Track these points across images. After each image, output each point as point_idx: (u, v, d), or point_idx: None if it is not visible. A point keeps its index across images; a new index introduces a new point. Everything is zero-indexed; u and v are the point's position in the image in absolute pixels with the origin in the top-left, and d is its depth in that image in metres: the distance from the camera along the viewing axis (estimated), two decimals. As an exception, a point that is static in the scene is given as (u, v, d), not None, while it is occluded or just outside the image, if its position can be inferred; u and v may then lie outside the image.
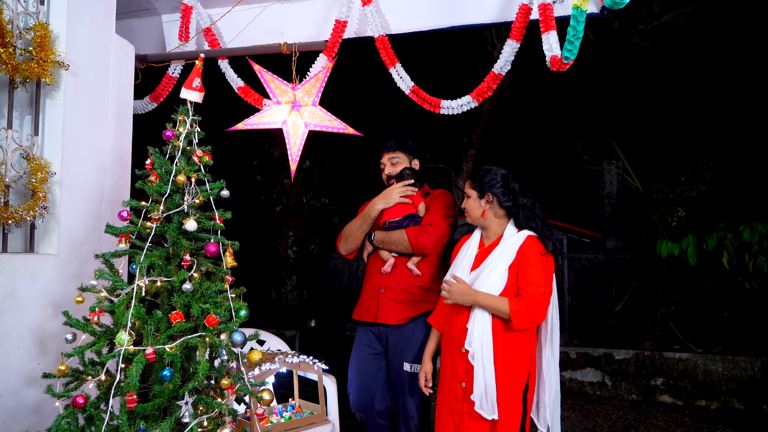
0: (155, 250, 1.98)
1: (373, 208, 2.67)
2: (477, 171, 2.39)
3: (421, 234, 2.56)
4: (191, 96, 2.07)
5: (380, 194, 2.70)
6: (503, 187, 2.29)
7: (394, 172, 2.74)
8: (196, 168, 2.07)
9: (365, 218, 2.69)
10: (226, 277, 2.03)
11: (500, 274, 2.20)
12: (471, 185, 2.35)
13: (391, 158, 2.76)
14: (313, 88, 2.87)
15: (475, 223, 2.37)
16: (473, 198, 2.33)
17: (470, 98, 2.76)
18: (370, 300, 2.70)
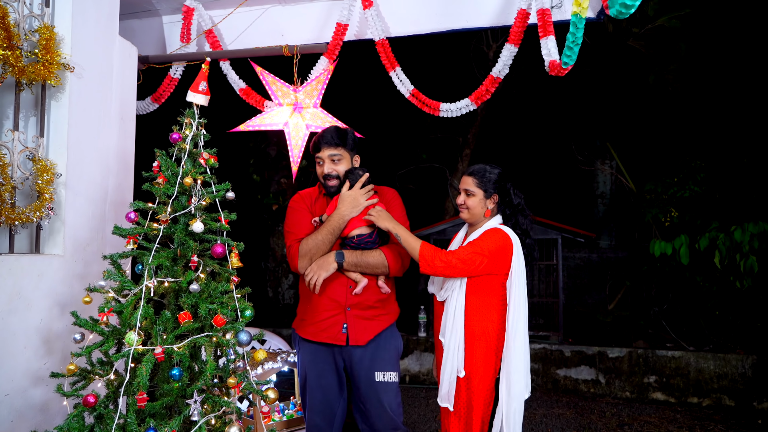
0: (162, 251, 2.01)
1: (343, 219, 2.29)
2: (480, 170, 2.34)
3: (404, 258, 2.37)
4: (197, 99, 2.10)
5: (343, 200, 2.31)
6: (505, 188, 2.34)
7: (335, 171, 2.38)
8: (202, 170, 2.10)
9: (334, 231, 2.29)
10: (232, 278, 2.07)
11: None
12: (477, 184, 2.31)
13: (333, 155, 2.37)
14: (315, 90, 2.90)
15: (473, 220, 2.37)
16: (479, 197, 2.31)
17: (469, 101, 2.81)
18: (332, 319, 2.32)
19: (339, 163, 2.38)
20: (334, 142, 2.36)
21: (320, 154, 2.39)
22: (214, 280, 2.15)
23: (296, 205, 2.46)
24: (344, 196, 2.32)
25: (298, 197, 2.49)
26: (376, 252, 2.32)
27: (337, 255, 2.28)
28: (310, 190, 2.53)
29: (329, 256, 2.28)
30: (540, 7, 2.56)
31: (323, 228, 2.30)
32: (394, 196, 2.51)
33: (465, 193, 2.34)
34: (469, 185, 2.33)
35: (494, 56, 7.55)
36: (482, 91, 2.78)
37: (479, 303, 2.22)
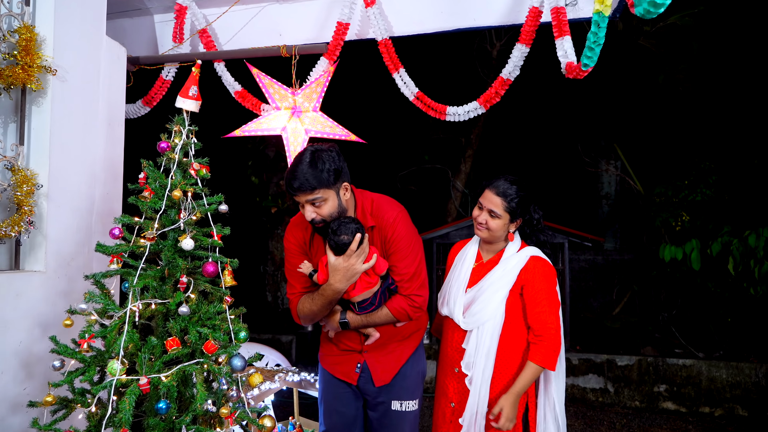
0: (149, 270, 1.86)
1: (337, 293, 1.97)
2: (509, 189, 2.07)
3: (412, 309, 2.03)
4: (187, 105, 1.94)
5: (335, 272, 1.93)
6: (529, 209, 2.14)
7: (319, 216, 1.92)
8: (192, 182, 1.94)
9: (330, 302, 2.00)
10: (225, 298, 1.92)
11: (500, 299, 2.06)
12: (505, 207, 2.06)
13: (312, 200, 1.89)
14: (314, 93, 2.75)
15: (491, 240, 2.15)
16: (504, 221, 2.07)
17: (477, 104, 2.66)
18: (347, 360, 2.16)
19: (322, 206, 1.91)
20: (309, 185, 1.85)
21: (297, 199, 1.93)
22: (206, 299, 2.00)
23: (291, 246, 2.13)
24: (335, 267, 1.93)
25: (293, 232, 2.14)
26: (382, 312, 2.04)
27: (342, 322, 2.07)
28: (303, 227, 2.13)
29: (334, 319, 2.09)
30: (554, 6, 2.41)
31: (318, 298, 2.01)
32: (395, 225, 2.01)
33: (489, 213, 2.08)
34: (495, 206, 2.07)
35: (498, 55, 7.39)
36: (491, 93, 2.62)
37: (514, 333, 2.06)
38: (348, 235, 1.91)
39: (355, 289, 2.00)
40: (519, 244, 2.15)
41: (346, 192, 1.98)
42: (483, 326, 2.05)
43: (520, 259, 2.08)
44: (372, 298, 2.02)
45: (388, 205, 2.07)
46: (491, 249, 2.20)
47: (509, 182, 2.09)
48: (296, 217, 2.15)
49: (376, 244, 2.06)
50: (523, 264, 2.07)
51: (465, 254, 2.26)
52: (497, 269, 2.10)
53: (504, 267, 2.09)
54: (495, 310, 2.04)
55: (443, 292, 2.27)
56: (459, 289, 2.16)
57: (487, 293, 2.07)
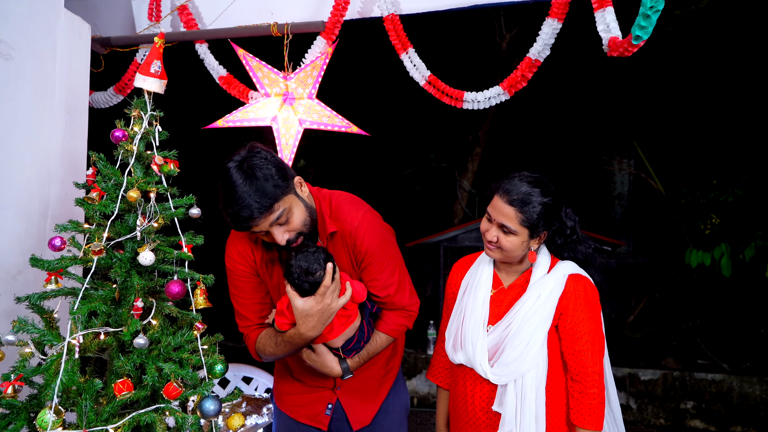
0: (101, 290, 1.49)
1: (309, 340, 1.55)
2: (526, 197, 1.57)
3: (410, 320, 1.72)
4: (149, 84, 1.57)
5: (305, 318, 1.50)
6: (558, 219, 1.67)
7: (294, 232, 1.51)
8: (155, 179, 1.57)
9: (294, 346, 1.58)
10: (196, 324, 1.54)
11: (542, 340, 1.58)
12: (521, 221, 1.56)
13: (275, 219, 1.45)
14: (309, 77, 2.37)
15: (506, 260, 1.67)
16: (520, 238, 1.58)
17: (500, 89, 2.27)
18: (314, 400, 1.76)
19: (291, 218, 1.48)
20: (264, 205, 1.41)
21: (257, 229, 1.47)
22: (173, 326, 1.62)
23: (236, 266, 1.69)
24: (306, 313, 1.48)
25: (236, 246, 1.69)
26: (380, 341, 1.69)
27: (344, 370, 1.65)
28: (246, 240, 1.69)
29: (332, 366, 1.63)
30: (593, -30, 2.03)
31: (283, 345, 1.59)
32: (364, 229, 1.60)
33: (501, 228, 1.59)
34: (508, 220, 1.56)
35: (508, 47, 7.01)
36: (516, 77, 2.24)
37: (557, 382, 1.61)
38: (319, 268, 1.47)
39: (333, 331, 1.57)
40: (548, 261, 1.67)
41: (302, 187, 1.57)
42: (523, 378, 1.56)
43: (557, 281, 1.60)
44: (358, 333, 1.62)
45: (350, 205, 1.64)
46: (512, 270, 1.71)
47: (528, 184, 1.58)
48: (235, 239, 1.70)
49: (341, 255, 1.63)
50: (561, 288, 1.59)
51: (477, 277, 1.74)
52: (528, 298, 1.61)
53: (537, 294, 1.60)
54: (537, 355, 1.55)
55: (451, 331, 1.75)
56: (477, 327, 1.66)
57: (523, 333, 1.57)
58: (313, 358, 1.63)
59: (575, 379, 1.56)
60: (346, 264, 1.64)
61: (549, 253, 1.70)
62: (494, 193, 1.63)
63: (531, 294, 1.61)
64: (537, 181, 1.61)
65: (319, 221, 1.61)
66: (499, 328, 1.63)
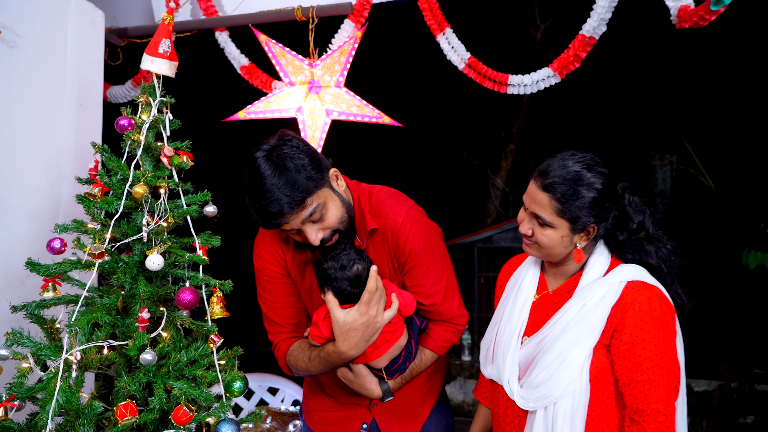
0: (105, 298, 1.32)
1: (348, 360, 1.36)
2: (565, 178, 1.27)
3: (457, 336, 1.54)
4: (157, 66, 1.40)
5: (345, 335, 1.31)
6: (619, 209, 1.34)
7: (329, 230, 1.33)
8: (167, 173, 1.39)
9: (330, 365, 1.40)
10: (211, 336, 1.36)
11: (582, 359, 1.27)
12: (557, 210, 1.26)
13: (308, 216, 1.28)
14: (337, 63, 2.17)
15: (547, 259, 1.40)
16: (560, 232, 1.29)
17: (549, 71, 2.03)
18: (347, 418, 1.59)
19: (326, 214, 1.31)
20: (295, 200, 1.23)
21: (287, 227, 1.29)
22: (188, 338, 1.44)
23: (265, 266, 1.51)
24: (349, 326, 1.29)
25: (265, 245, 1.51)
26: (425, 358, 1.51)
27: (385, 392, 1.44)
28: (275, 237, 1.50)
29: (372, 389, 1.42)
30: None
31: (317, 362, 1.40)
32: (408, 227, 1.42)
33: (535, 219, 1.31)
34: (542, 209, 1.28)
35: (542, 39, 6.71)
36: (568, 57, 2.00)
37: (606, 415, 1.30)
38: (361, 267, 1.29)
39: (377, 350, 1.36)
40: (606, 262, 1.36)
41: (338, 180, 1.39)
42: (555, 407, 1.28)
43: (610, 288, 1.28)
44: (404, 352, 1.40)
45: (393, 200, 1.46)
46: (560, 272, 1.42)
47: (569, 165, 1.27)
48: (264, 236, 1.53)
49: (382, 257, 1.44)
50: (616, 296, 1.27)
51: (520, 280, 1.48)
52: (571, 306, 1.31)
53: (582, 302, 1.29)
54: (574, 379, 1.25)
55: (486, 341, 1.49)
56: (511, 338, 1.39)
57: (557, 348, 1.28)
58: (351, 378, 1.43)
59: (633, 418, 1.24)
60: (386, 267, 1.45)
61: (608, 252, 1.38)
62: (530, 176, 1.34)
63: (575, 301, 1.30)
64: (582, 160, 1.29)
65: (358, 218, 1.42)
66: (534, 340, 1.35)
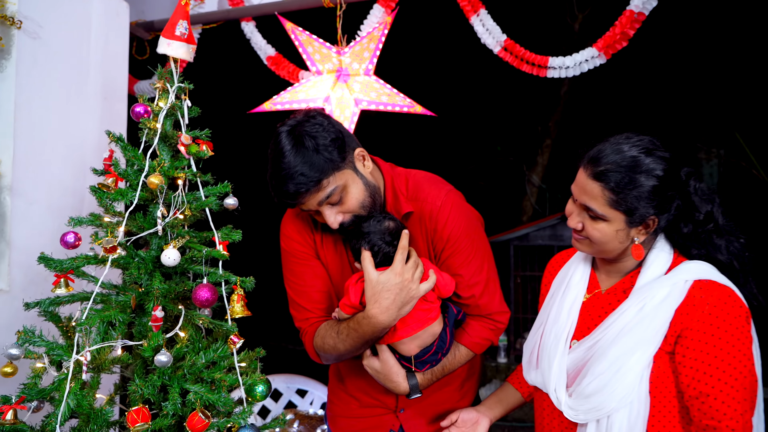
0: (122, 295, 1.25)
1: (379, 328, 1.23)
2: (620, 165, 1.12)
3: (496, 335, 1.41)
4: (174, 50, 1.32)
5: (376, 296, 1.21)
6: (683, 198, 1.18)
7: (349, 215, 1.26)
8: (185, 163, 1.32)
9: (366, 342, 1.28)
10: (231, 337, 1.27)
11: (641, 368, 1.13)
12: (611, 201, 1.12)
13: (325, 198, 1.21)
14: (366, 50, 2.07)
15: (600, 255, 1.26)
16: (612, 224, 1.15)
17: (594, 51, 1.87)
18: (374, 419, 1.47)
19: (346, 197, 1.24)
20: (311, 180, 1.18)
21: (305, 207, 1.24)
22: (209, 338, 1.37)
23: (294, 246, 1.41)
24: (382, 286, 1.20)
25: (293, 225, 1.43)
26: (459, 355, 1.39)
27: (412, 387, 1.33)
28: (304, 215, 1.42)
29: (399, 381, 1.32)
30: None
31: (348, 335, 1.28)
32: (448, 212, 1.33)
33: (585, 211, 1.18)
34: (593, 201, 1.14)
35: (581, 29, 6.45)
36: (615, 35, 1.83)
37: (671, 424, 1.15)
38: (395, 222, 1.25)
39: (407, 327, 1.25)
40: (668, 258, 1.21)
41: (364, 162, 1.31)
42: (610, 420, 1.14)
43: (674, 287, 1.14)
44: (438, 342, 1.29)
45: (431, 184, 1.37)
46: (614, 269, 1.27)
47: (625, 149, 1.13)
48: (292, 215, 1.45)
49: (418, 243, 1.35)
50: (680, 297, 1.12)
51: (568, 277, 1.35)
52: (628, 307, 1.17)
53: (641, 303, 1.15)
54: (631, 389, 1.11)
55: (529, 343, 1.36)
56: (558, 341, 1.26)
57: (612, 355, 1.14)
58: (376, 367, 1.33)
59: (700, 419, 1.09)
60: (423, 252, 1.35)
61: (671, 248, 1.23)
62: (579, 163, 1.20)
63: (633, 302, 1.16)
64: (639, 144, 1.14)
65: (390, 201, 1.35)
66: (584, 344, 1.21)
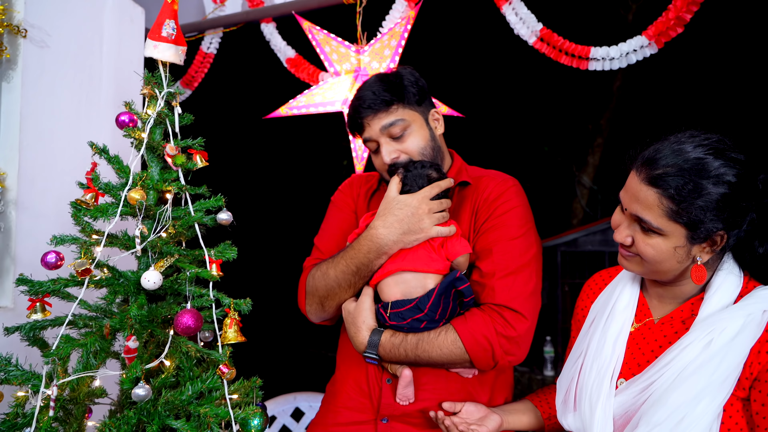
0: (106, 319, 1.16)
1: (377, 247, 1.16)
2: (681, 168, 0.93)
3: (501, 339, 1.11)
4: (161, 52, 1.21)
5: (388, 210, 1.17)
6: (757, 210, 0.95)
7: (404, 154, 1.24)
8: (172, 176, 1.21)
9: (358, 267, 1.19)
10: (220, 367, 1.15)
11: (711, 417, 0.92)
12: (669, 212, 0.93)
13: (390, 124, 1.22)
14: (387, 48, 1.92)
15: (652, 277, 1.05)
16: (670, 239, 0.95)
17: (644, 40, 1.64)
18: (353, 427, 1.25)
19: (407, 136, 1.23)
20: (382, 100, 1.21)
21: (367, 133, 1.25)
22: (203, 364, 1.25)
23: (339, 198, 1.43)
24: (395, 203, 1.17)
25: (347, 184, 1.45)
26: (440, 339, 1.13)
27: (370, 343, 1.16)
28: (366, 177, 1.46)
29: (360, 328, 1.17)
30: None
31: (343, 256, 1.21)
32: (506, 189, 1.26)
33: (637, 223, 0.99)
34: (646, 210, 0.95)
35: (634, 20, 6.05)
36: (668, 21, 1.60)
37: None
38: (433, 171, 1.21)
39: (400, 261, 1.16)
40: (738, 283, 1.00)
41: (437, 123, 1.33)
42: None
43: (749, 319, 0.93)
44: (423, 298, 1.12)
45: (496, 173, 1.36)
46: (670, 293, 1.07)
47: (696, 147, 0.94)
48: (360, 174, 1.49)
49: (464, 214, 1.27)
50: (758, 331, 0.92)
51: (611, 302, 1.14)
52: (691, 342, 0.96)
53: (708, 337, 0.94)
54: None
55: (564, 379, 1.16)
56: (602, 380, 1.06)
57: (673, 402, 0.94)
58: (350, 308, 1.22)
59: None
60: (464, 225, 1.26)
61: (740, 270, 1.02)
62: (630, 166, 1.01)
63: (697, 337, 0.96)
64: (706, 143, 0.94)
65: (453, 172, 1.34)
66: (636, 385, 1.01)
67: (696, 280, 0.99)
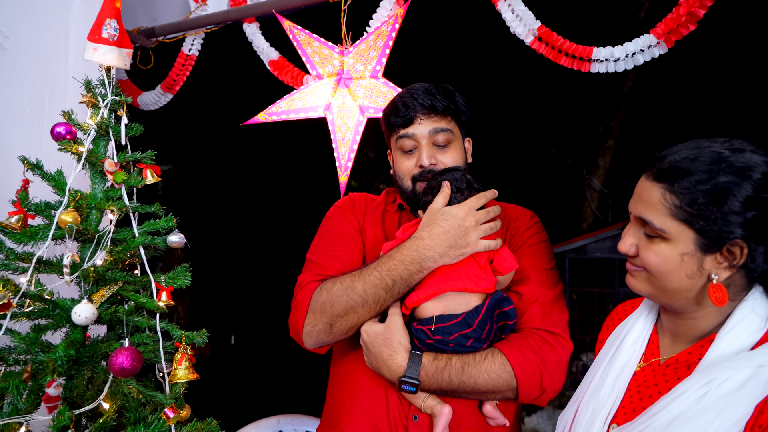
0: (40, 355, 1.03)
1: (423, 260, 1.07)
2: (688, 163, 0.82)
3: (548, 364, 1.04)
4: (102, 56, 1.08)
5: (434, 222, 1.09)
6: None
7: (442, 163, 1.21)
8: (115, 194, 1.08)
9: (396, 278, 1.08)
10: (165, 411, 1.01)
11: None
12: (671, 208, 0.82)
13: (440, 129, 1.20)
14: (372, 49, 1.78)
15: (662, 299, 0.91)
16: (675, 244, 0.83)
17: (652, 38, 1.49)
18: None
19: (448, 148, 1.22)
20: (440, 104, 1.21)
21: (413, 128, 1.21)
22: (150, 405, 1.12)
23: (335, 217, 1.32)
24: (437, 214, 1.09)
25: (347, 201, 1.37)
26: (487, 364, 1.03)
27: (409, 367, 1.01)
28: (370, 197, 1.39)
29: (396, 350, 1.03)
30: None
31: (374, 268, 1.09)
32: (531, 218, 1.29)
33: (642, 227, 0.89)
34: (650, 209, 0.85)
35: (647, 17, 5.86)
36: (679, 17, 1.44)
37: None
38: (472, 176, 1.15)
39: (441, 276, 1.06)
40: (762, 323, 0.83)
41: (468, 152, 1.33)
42: None
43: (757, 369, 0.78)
44: (470, 313, 1.02)
45: (516, 206, 1.37)
46: (683, 329, 0.92)
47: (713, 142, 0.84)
48: (357, 194, 1.41)
49: None
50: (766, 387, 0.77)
51: (621, 336, 1.02)
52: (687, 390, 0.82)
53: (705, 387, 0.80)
54: None
55: (564, 420, 1.04)
56: (592, 423, 0.94)
57: None
58: (377, 329, 1.07)
59: None
60: None
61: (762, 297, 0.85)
62: (644, 172, 0.90)
63: (692, 385, 0.81)
64: (727, 143, 0.83)
65: None
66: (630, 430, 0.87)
67: (715, 301, 0.83)
